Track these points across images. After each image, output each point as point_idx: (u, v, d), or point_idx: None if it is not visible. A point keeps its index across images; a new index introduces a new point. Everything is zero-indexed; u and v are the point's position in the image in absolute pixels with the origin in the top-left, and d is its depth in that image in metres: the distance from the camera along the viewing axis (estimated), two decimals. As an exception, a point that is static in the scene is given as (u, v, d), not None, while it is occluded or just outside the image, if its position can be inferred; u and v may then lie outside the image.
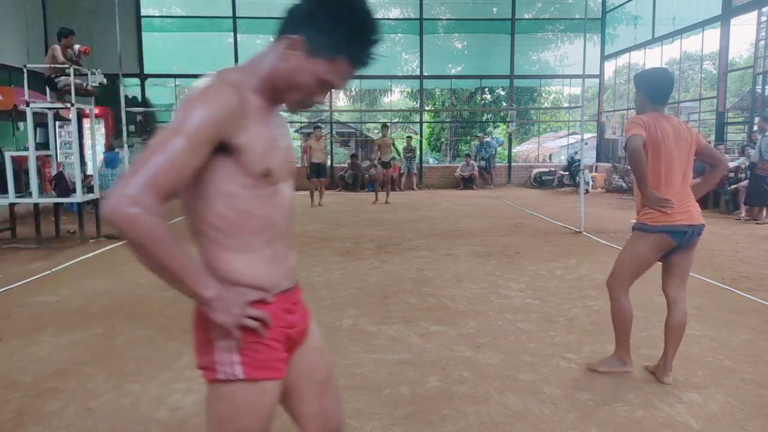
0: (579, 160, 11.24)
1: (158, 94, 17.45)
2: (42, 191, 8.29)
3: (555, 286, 5.16)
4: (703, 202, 10.63)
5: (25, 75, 7.50)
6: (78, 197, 7.54)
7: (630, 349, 3.21)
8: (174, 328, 4.03)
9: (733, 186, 10.02)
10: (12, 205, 7.65)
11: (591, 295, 4.85)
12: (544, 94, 24.30)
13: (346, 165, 16.67)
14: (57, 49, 7.33)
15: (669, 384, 3.03)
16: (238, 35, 16.62)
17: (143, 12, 16.41)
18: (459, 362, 3.37)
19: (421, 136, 19.87)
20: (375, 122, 21.76)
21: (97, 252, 6.87)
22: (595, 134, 18.00)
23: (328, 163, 15.13)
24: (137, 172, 1.11)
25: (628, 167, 3.54)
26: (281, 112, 1.43)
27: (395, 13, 18.14)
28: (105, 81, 7.52)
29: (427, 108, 21.67)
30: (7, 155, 7.71)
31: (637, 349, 3.59)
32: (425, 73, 17.30)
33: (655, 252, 3.08)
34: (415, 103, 21.57)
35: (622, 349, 3.19)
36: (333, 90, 1.42)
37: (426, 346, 3.60)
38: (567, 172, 16.17)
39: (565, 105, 21.20)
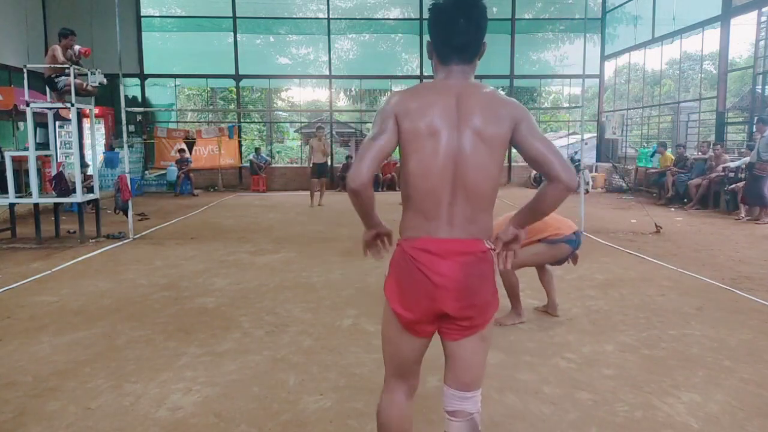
0: (579, 160, 11.22)
1: (158, 94, 17.45)
2: (42, 191, 8.30)
3: (556, 288, 5.15)
4: (703, 202, 10.70)
5: (25, 75, 7.50)
6: (78, 197, 7.54)
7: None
8: (174, 328, 4.03)
9: (733, 186, 10.02)
10: (12, 205, 7.65)
11: (591, 295, 4.85)
12: (544, 94, 24.28)
13: (340, 166, 16.61)
14: (57, 49, 7.32)
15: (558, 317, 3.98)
16: (238, 35, 16.62)
17: (143, 12, 16.42)
18: (459, 362, 3.36)
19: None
20: (375, 122, 21.70)
21: (97, 252, 6.87)
22: (595, 134, 17.99)
23: (329, 163, 15.14)
24: (558, 152, 1.63)
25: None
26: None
27: (395, 13, 18.14)
28: (105, 81, 7.51)
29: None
30: (7, 155, 7.71)
31: (637, 349, 3.59)
32: (425, 73, 17.29)
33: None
34: (415, 103, 21.50)
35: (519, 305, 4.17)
36: None
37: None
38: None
39: (565, 105, 21.18)
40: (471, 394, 1.75)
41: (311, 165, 11.89)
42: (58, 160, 8.50)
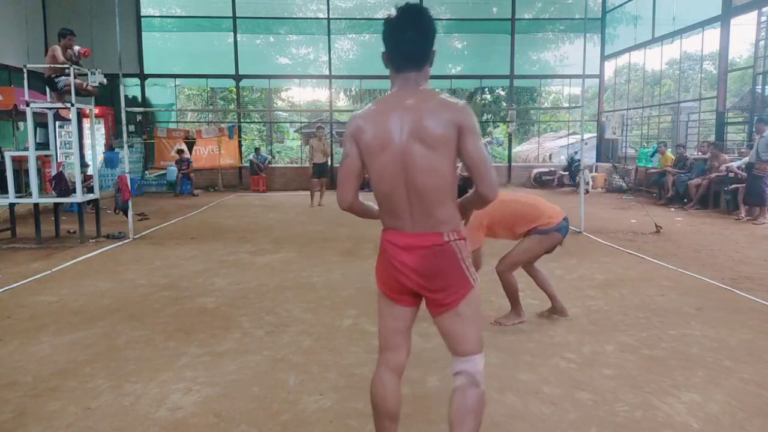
0: (579, 160, 11.24)
1: (158, 94, 17.44)
2: (42, 191, 8.30)
3: (555, 286, 5.15)
4: (703, 202, 10.70)
5: (25, 75, 7.50)
6: (78, 197, 7.54)
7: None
8: (174, 328, 4.03)
9: (734, 186, 10.02)
10: (12, 205, 7.65)
11: (591, 295, 4.86)
12: (544, 94, 24.30)
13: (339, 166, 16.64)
14: (57, 49, 7.32)
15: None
16: (238, 35, 16.62)
17: (143, 12, 16.40)
18: (459, 362, 3.36)
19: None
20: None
21: (97, 252, 6.87)
22: (595, 134, 17.99)
23: (329, 163, 15.13)
24: (492, 169, 1.87)
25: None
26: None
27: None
28: (105, 81, 7.51)
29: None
30: (7, 155, 7.71)
31: (637, 349, 3.59)
32: (425, 73, 17.28)
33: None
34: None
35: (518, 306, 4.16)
36: None
37: (426, 346, 3.60)
38: (567, 172, 16.16)
39: (565, 105, 21.19)
40: (467, 359, 1.99)
41: (311, 165, 11.90)
42: (58, 160, 8.50)
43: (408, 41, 1.87)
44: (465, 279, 1.95)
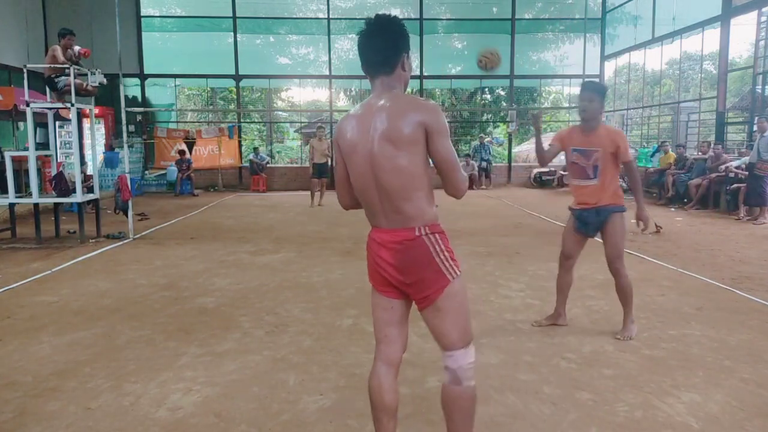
0: (579, 160, 11.20)
1: (158, 94, 17.44)
2: (42, 191, 8.30)
3: (555, 286, 5.14)
4: (703, 202, 10.69)
5: (25, 75, 7.50)
6: (78, 197, 7.54)
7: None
8: (174, 328, 4.03)
9: (734, 186, 10.02)
10: (12, 205, 7.65)
11: (591, 295, 4.86)
12: (544, 94, 24.28)
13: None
14: (57, 49, 7.32)
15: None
16: (238, 35, 16.62)
17: (143, 12, 16.41)
18: (459, 362, 3.36)
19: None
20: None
21: (97, 252, 6.87)
22: (595, 134, 17.96)
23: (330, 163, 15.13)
24: (460, 166, 1.97)
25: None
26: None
27: (395, 13, 17.81)
28: (105, 81, 7.52)
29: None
30: (7, 155, 7.71)
31: (637, 349, 3.59)
32: (425, 73, 17.30)
33: None
34: (415, 103, 21.50)
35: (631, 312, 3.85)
36: None
37: (426, 346, 3.59)
38: (567, 172, 16.14)
39: (565, 105, 21.18)
40: (450, 353, 2.04)
41: (311, 165, 11.90)
42: (58, 160, 8.50)
43: (373, 48, 2.00)
44: (440, 273, 1.98)
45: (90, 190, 8.24)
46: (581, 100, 3.78)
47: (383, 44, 1.99)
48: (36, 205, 7.58)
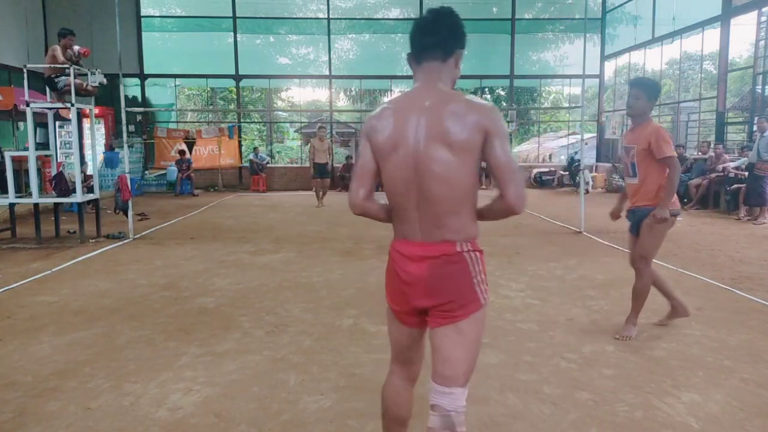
0: (579, 160, 11.22)
1: (158, 94, 17.45)
2: (42, 191, 8.29)
3: (555, 286, 5.16)
4: (703, 202, 10.69)
5: (25, 75, 7.50)
6: (78, 197, 7.54)
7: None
8: (174, 328, 4.03)
9: (734, 186, 10.02)
10: (12, 205, 7.65)
11: (591, 295, 4.86)
12: (544, 94, 24.29)
13: (341, 166, 16.59)
14: (57, 49, 7.31)
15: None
16: (238, 35, 16.62)
17: (143, 12, 16.41)
18: (459, 362, 3.36)
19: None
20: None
21: (97, 252, 6.87)
22: (595, 134, 17.99)
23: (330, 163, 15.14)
24: (522, 178, 1.71)
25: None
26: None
27: (395, 13, 18.13)
28: (105, 81, 7.51)
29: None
30: (7, 155, 7.71)
31: (637, 349, 3.59)
32: (425, 73, 17.28)
33: None
34: (415, 103, 21.50)
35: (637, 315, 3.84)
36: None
37: (426, 346, 3.59)
38: (567, 172, 16.15)
39: (565, 105, 21.18)
40: (449, 390, 1.75)
41: (312, 165, 11.90)
42: (58, 160, 8.50)
43: (431, 31, 1.80)
44: (474, 295, 1.77)
45: (90, 190, 8.24)
46: (628, 96, 3.76)
47: (443, 29, 1.80)
48: (36, 205, 7.58)
